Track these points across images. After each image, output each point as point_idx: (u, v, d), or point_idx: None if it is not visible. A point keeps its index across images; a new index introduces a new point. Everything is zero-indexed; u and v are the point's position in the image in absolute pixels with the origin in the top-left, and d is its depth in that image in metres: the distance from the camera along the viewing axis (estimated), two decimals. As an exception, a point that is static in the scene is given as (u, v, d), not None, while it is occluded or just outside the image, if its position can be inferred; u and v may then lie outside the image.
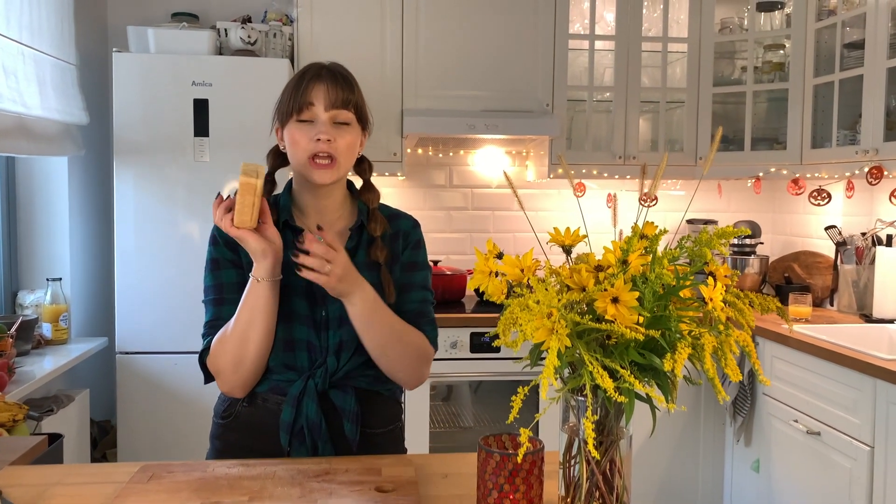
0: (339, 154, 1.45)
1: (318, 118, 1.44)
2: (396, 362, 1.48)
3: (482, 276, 1.08)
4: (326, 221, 1.55)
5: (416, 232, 1.60)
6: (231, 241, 1.50)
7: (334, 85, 1.45)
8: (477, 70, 3.28)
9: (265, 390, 1.50)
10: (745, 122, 3.30)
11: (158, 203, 2.90)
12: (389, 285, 1.50)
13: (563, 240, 1.13)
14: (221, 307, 1.50)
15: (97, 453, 3.16)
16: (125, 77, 2.86)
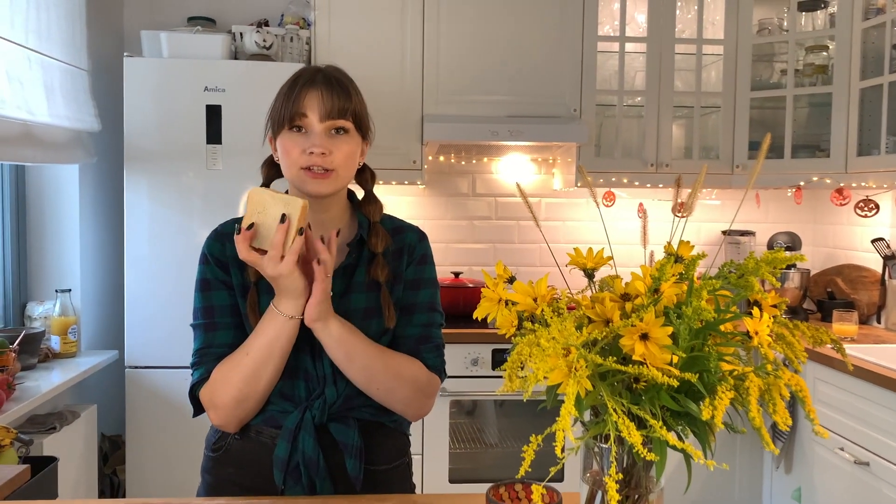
0: (337, 165, 1.33)
1: (312, 129, 1.32)
2: (389, 396, 1.35)
3: (490, 304, 0.95)
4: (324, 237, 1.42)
5: (421, 245, 1.46)
6: (223, 261, 1.38)
7: (329, 92, 1.31)
8: (501, 74, 3.14)
9: (258, 422, 1.37)
10: (784, 128, 3.11)
11: (169, 212, 2.80)
12: (389, 307, 1.36)
13: (585, 262, 0.99)
14: (214, 332, 1.37)
15: (107, 469, 3.07)
16: (136, 83, 2.77)
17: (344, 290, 1.37)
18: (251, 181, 2.81)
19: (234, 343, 1.35)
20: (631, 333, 0.83)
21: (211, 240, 1.42)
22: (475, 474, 3.04)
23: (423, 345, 1.40)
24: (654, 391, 0.85)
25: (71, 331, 2.77)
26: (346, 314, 1.34)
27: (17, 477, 1.47)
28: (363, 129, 1.38)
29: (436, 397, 1.42)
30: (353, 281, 1.38)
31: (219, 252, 1.40)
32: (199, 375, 1.36)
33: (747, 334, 0.93)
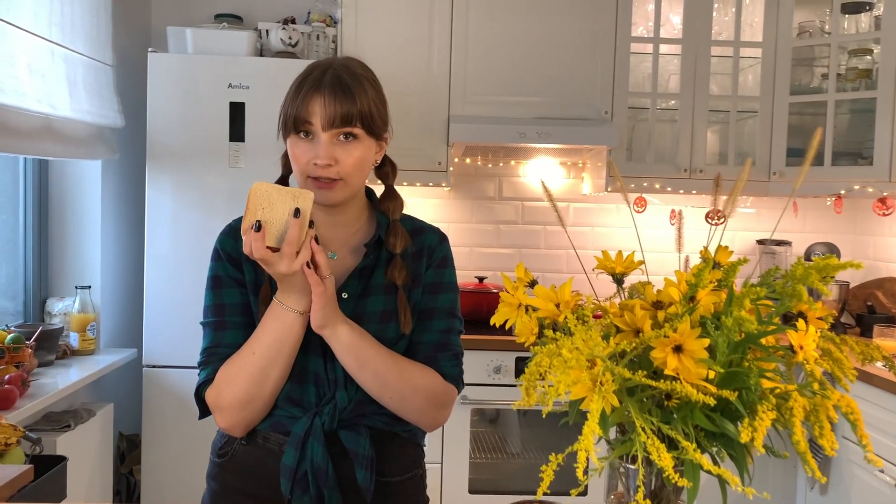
0: (346, 174, 1.26)
1: (317, 136, 1.25)
2: (402, 406, 1.28)
3: (509, 310, 0.87)
4: (339, 237, 1.36)
5: (442, 247, 1.39)
6: (235, 258, 1.33)
7: (333, 98, 1.23)
8: (530, 75, 3.06)
9: (266, 427, 1.31)
10: (833, 133, 3.00)
11: (191, 210, 2.77)
12: (405, 312, 1.29)
13: (614, 266, 0.91)
14: (223, 332, 1.32)
15: (124, 469, 3.04)
16: (160, 78, 2.74)
17: (360, 293, 1.31)
18: (273, 180, 2.76)
19: (244, 343, 1.29)
20: (664, 345, 0.75)
21: (224, 235, 1.36)
22: (496, 485, 2.95)
23: (440, 352, 1.33)
24: (688, 409, 0.77)
25: (90, 328, 2.74)
26: (361, 318, 1.28)
27: (19, 477, 1.42)
28: (375, 131, 1.30)
29: (452, 408, 1.35)
30: (370, 283, 1.32)
31: (231, 248, 1.34)
32: (205, 376, 1.31)
33: (790, 348, 0.84)
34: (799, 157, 3.10)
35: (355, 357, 1.24)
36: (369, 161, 1.31)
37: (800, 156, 3.10)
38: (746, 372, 0.78)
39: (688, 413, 0.77)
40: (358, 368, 1.25)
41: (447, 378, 1.32)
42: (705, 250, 0.99)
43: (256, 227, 1.17)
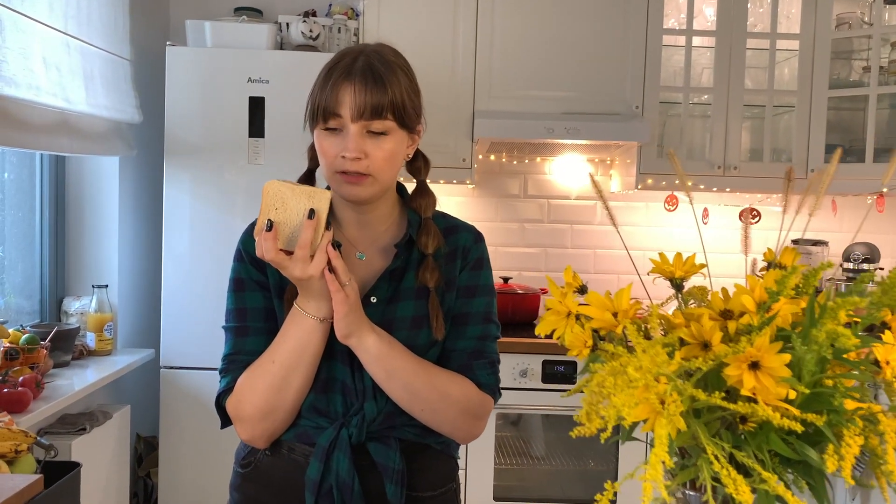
0: (376, 169, 1.18)
1: (346, 129, 1.17)
2: (435, 417, 1.21)
3: (557, 319, 0.78)
4: (368, 237, 1.27)
5: (477, 248, 1.30)
6: (259, 260, 1.25)
7: (364, 88, 1.15)
8: (558, 68, 2.96)
9: (291, 438, 1.23)
10: (864, 130, 2.88)
11: (210, 208, 2.70)
12: (438, 317, 1.21)
13: (673, 270, 0.82)
14: (245, 338, 1.24)
15: (141, 471, 2.99)
16: (178, 73, 2.68)
17: (390, 297, 1.23)
18: (293, 176, 2.67)
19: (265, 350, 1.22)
20: (739, 362, 0.65)
21: (247, 235, 1.29)
22: (522, 492, 2.86)
23: (476, 360, 1.24)
24: (764, 434, 0.68)
25: (107, 328, 2.68)
26: (391, 323, 1.19)
27: (28, 487, 1.35)
28: (408, 123, 1.21)
29: (488, 419, 1.27)
30: (400, 286, 1.23)
31: (255, 248, 1.26)
32: (225, 384, 1.24)
33: (875, 363, 0.75)
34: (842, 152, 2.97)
35: (384, 368, 1.16)
36: (401, 155, 1.23)
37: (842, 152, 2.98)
38: (831, 391, 0.69)
39: (763, 438, 0.68)
40: (386, 379, 1.17)
41: (483, 387, 1.24)
42: (769, 252, 0.89)
43: (268, 226, 1.09)
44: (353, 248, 1.27)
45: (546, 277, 0.86)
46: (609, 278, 3.37)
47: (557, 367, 2.75)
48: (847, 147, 3.04)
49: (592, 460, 2.88)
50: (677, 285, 0.82)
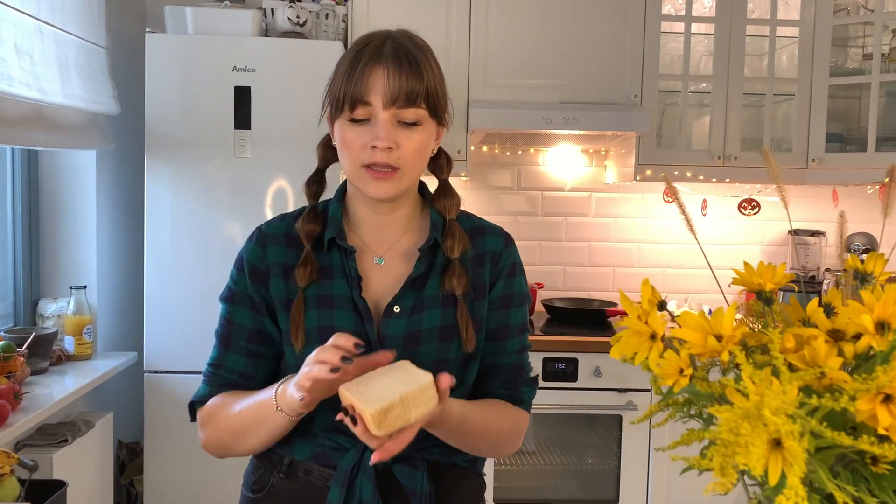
0: (405, 163, 1.08)
1: (376, 117, 1.07)
2: (483, 453, 1.19)
3: (638, 342, 0.69)
4: (388, 239, 1.17)
5: (509, 252, 1.21)
6: (261, 270, 1.14)
7: (398, 72, 1.05)
8: (554, 56, 2.87)
9: (307, 458, 1.13)
10: (865, 118, 2.83)
11: (193, 203, 2.57)
12: (468, 327, 1.12)
13: (762, 281, 0.73)
14: (226, 352, 1.17)
15: (124, 479, 2.85)
16: (159, 61, 2.53)
17: (413, 307, 1.12)
18: (282, 170, 2.57)
19: (245, 372, 1.15)
20: (871, 395, 0.57)
21: (252, 243, 1.18)
22: (521, 493, 2.79)
23: (519, 377, 1.18)
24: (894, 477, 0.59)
25: (86, 331, 2.54)
26: (417, 336, 1.10)
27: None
28: (439, 113, 1.12)
29: (524, 434, 1.21)
30: (424, 295, 1.13)
31: (258, 259, 1.16)
32: (201, 393, 1.17)
33: None
34: (839, 142, 2.93)
35: (449, 436, 1.11)
36: (429, 149, 1.13)
37: (840, 141, 2.93)
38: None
39: (893, 480, 0.59)
40: (448, 439, 1.12)
41: (524, 405, 1.17)
42: (853, 258, 0.81)
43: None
44: (371, 251, 1.17)
45: (619, 292, 0.76)
46: (605, 272, 3.30)
47: (558, 364, 2.67)
48: (846, 136, 2.99)
49: (592, 458, 2.81)
50: (766, 299, 0.73)
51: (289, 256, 1.15)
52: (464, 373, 1.15)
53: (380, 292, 1.14)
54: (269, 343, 1.16)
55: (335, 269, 1.14)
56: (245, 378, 1.16)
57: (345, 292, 1.12)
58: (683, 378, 0.63)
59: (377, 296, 1.14)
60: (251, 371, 1.16)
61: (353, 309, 1.11)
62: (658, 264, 3.29)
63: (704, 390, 0.61)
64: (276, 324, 1.15)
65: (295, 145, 2.55)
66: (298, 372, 1.00)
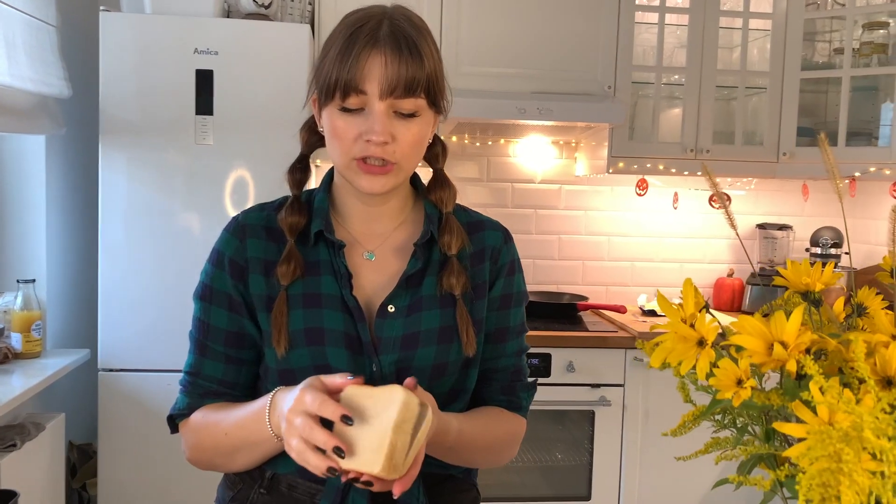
0: (401, 157, 0.99)
1: (370, 108, 0.97)
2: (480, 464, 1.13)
3: (684, 348, 0.62)
4: (379, 233, 1.09)
5: (508, 249, 1.14)
6: (239, 265, 1.05)
7: (397, 59, 0.96)
8: (527, 45, 2.80)
9: (292, 472, 1.04)
10: (832, 113, 2.84)
11: (151, 192, 2.43)
12: (468, 330, 1.04)
13: (810, 281, 0.67)
14: (203, 358, 1.07)
15: (76, 483, 2.71)
16: (113, 42, 2.39)
17: (410, 306, 1.04)
18: (245, 158, 2.46)
19: (225, 380, 1.06)
20: (960, 410, 0.51)
21: (228, 234, 1.08)
22: (490, 490, 2.73)
23: (518, 381, 1.11)
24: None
25: (35, 327, 2.39)
26: (416, 338, 1.02)
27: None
28: (438, 103, 1.03)
29: (520, 442, 1.14)
30: (420, 294, 1.05)
31: (235, 251, 1.06)
32: (180, 405, 1.07)
33: None
34: (810, 136, 2.93)
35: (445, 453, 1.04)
36: (426, 140, 1.05)
37: (811, 135, 2.93)
38: None
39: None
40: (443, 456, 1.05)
41: (521, 411, 1.11)
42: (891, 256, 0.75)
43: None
44: (361, 245, 1.09)
45: (657, 293, 0.69)
46: (574, 265, 3.25)
47: (532, 359, 2.61)
48: (815, 130, 2.99)
49: (563, 454, 2.77)
50: (815, 300, 0.67)
51: (269, 250, 1.06)
52: (464, 378, 1.08)
53: (372, 290, 1.06)
54: (251, 346, 1.07)
55: (322, 265, 1.05)
56: (225, 386, 1.07)
57: (333, 290, 1.03)
58: (744, 390, 0.56)
59: (369, 294, 1.06)
60: (232, 378, 1.07)
61: (342, 308, 1.03)
62: (627, 257, 3.26)
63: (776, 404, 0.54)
64: (256, 324, 1.06)
65: (259, 132, 2.43)
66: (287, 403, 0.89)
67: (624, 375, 2.64)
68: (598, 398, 2.63)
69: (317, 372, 0.99)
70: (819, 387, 0.53)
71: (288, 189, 1.10)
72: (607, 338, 2.63)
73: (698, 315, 0.62)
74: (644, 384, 2.65)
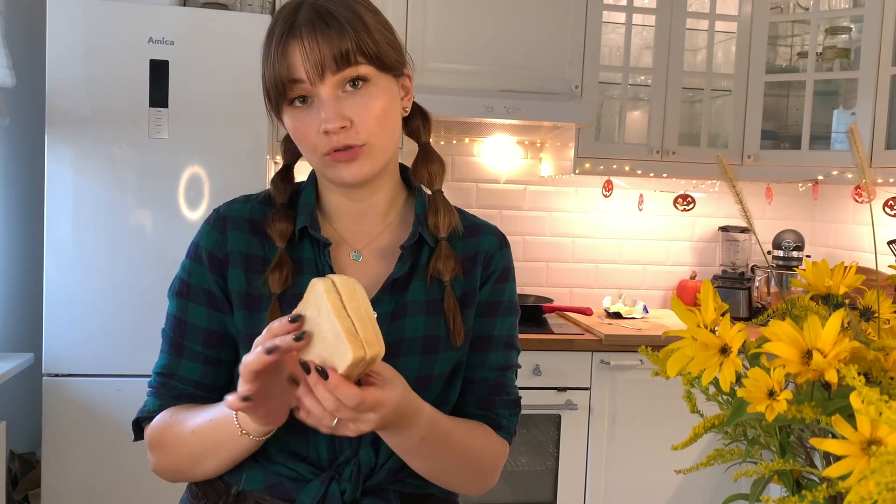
0: (368, 134, 0.92)
1: (315, 96, 0.91)
2: (452, 485, 1.01)
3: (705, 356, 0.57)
4: (365, 232, 1.02)
5: (503, 255, 1.07)
6: (220, 258, 0.97)
7: (314, 37, 0.89)
8: (494, 42, 2.75)
9: (260, 489, 0.96)
10: (793, 116, 2.85)
11: (101, 188, 2.31)
12: (455, 318, 0.98)
13: (833, 284, 0.62)
14: (179, 359, 0.99)
15: (17, 495, 2.57)
16: (62, 28, 2.26)
17: (394, 312, 0.97)
18: (202, 153, 2.35)
19: (202, 382, 0.98)
20: None
21: (208, 226, 1.01)
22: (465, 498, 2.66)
23: (497, 396, 1.03)
24: None
25: (-26, 330, 2.25)
26: (399, 347, 0.95)
27: None
28: (389, 64, 0.94)
29: (501, 469, 1.05)
30: (407, 299, 0.98)
31: (215, 244, 0.98)
32: (148, 407, 0.99)
33: None
34: (773, 139, 2.94)
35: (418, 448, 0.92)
36: (395, 109, 0.96)
37: (774, 139, 2.94)
38: None
39: None
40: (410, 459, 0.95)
41: (501, 431, 1.02)
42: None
43: (293, 318, 0.79)
44: (347, 245, 1.01)
45: (672, 296, 0.64)
46: (538, 266, 3.22)
47: (497, 363, 2.56)
48: (780, 133, 3.01)
49: (527, 459, 2.72)
50: (837, 303, 0.62)
51: (252, 245, 0.99)
52: (447, 390, 1.01)
53: None
54: (231, 345, 0.99)
55: (305, 264, 0.98)
56: (202, 389, 0.98)
57: None
58: (778, 403, 0.51)
59: None
60: (210, 380, 0.99)
61: None
62: (591, 259, 3.24)
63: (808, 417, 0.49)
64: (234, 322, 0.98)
65: (216, 126, 2.33)
66: None
67: (590, 378, 2.61)
68: (565, 402, 2.59)
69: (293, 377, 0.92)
70: (862, 399, 0.48)
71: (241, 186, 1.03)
72: (574, 340, 2.59)
73: (721, 320, 0.57)
74: (611, 387, 2.62)
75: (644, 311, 2.96)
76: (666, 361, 0.61)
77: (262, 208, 1.01)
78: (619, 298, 3.07)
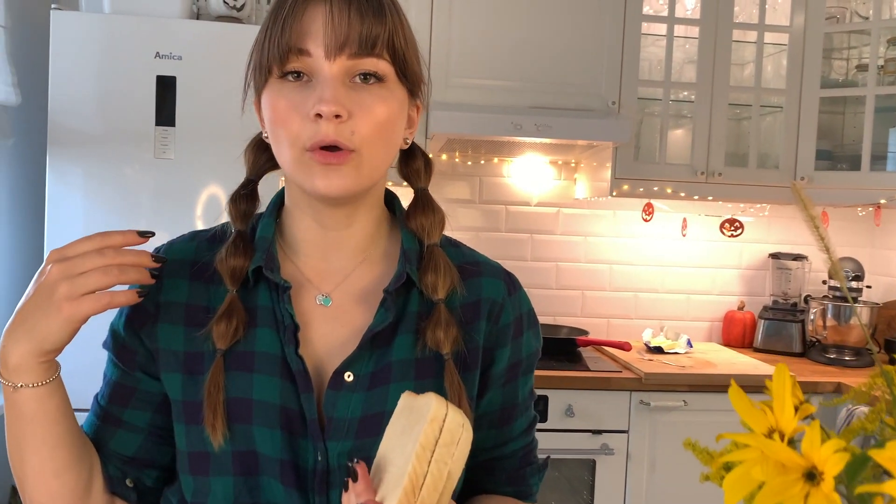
0: (362, 142, 0.73)
1: (319, 73, 0.72)
2: None
3: (780, 484, 0.37)
4: (339, 269, 0.83)
5: (513, 302, 0.87)
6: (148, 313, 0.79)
7: (346, 6, 0.72)
8: (523, 55, 2.57)
9: None
10: (850, 134, 2.62)
11: (104, 210, 2.19)
12: (461, 402, 0.78)
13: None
14: (106, 427, 0.84)
15: None
16: (67, 44, 2.15)
17: (374, 374, 0.78)
18: (209, 174, 2.21)
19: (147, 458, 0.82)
20: None
21: None
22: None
23: (528, 466, 0.88)
24: None
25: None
26: (378, 421, 0.76)
27: None
28: (410, 77, 0.78)
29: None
30: (389, 359, 0.79)
31: (153, 289, 0.81)
32: None
33: None
34: (829, 160, 2.70)
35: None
36: (398, 127, 0.78)
37: (829, 159, 2.70)
38: None
39: None
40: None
41: (531, 498, 0.88)
42: None
43: None
44: (313, 287, 0.83)
45: (731, 384, 0.45)
46: (573, 295, 3.01)
47: (525, 402, 2.36)
48: (836, 153, 2.77)
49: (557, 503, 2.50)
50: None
51: (195, 294, 0.81)
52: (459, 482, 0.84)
53: (325, 350, 0.80)
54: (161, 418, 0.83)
55: (260, 314, 0.79)
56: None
57: (272, 348, 0.78)
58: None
59: (320, 354, 0.79)
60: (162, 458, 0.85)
61: (282, 374, 0.77)
62: (630, 288, 3.02)
63: None
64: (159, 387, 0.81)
65: (225, 145, 2.19)
66: None
67: (629, 421, 2.38)
68: (600, 446, 2.37)
69: (240, 459, 0.74)
70: None
71: None
72: (611, 378, 2.37)
73: (806, 428, 0.37)
74: (651, 430, 2.40)
75: (688, 346, 2.73)
76: (720, 474, 0.42)
77: (210, 246, 0.84)
78: (661, 331, 2.84)
